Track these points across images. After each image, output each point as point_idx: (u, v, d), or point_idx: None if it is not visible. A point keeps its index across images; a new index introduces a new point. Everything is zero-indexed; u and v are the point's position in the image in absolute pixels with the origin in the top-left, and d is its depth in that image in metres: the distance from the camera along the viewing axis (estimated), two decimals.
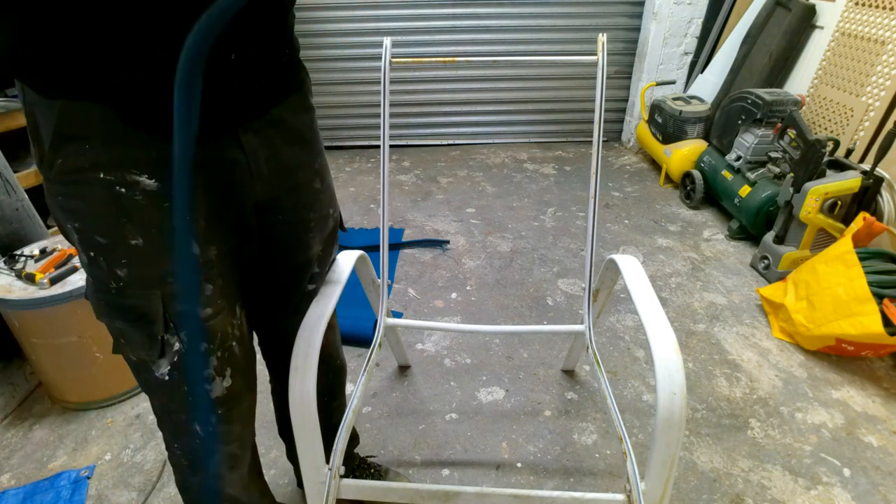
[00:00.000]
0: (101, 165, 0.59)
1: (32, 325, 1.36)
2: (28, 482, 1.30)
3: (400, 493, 0.96)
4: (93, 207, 0.61)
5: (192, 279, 0.65)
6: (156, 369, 0.71)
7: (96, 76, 0.56)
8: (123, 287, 0.65)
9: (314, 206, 0.83)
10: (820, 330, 1.59)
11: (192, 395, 0.74)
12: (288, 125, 0.74)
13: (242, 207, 0.72)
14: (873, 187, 1.79)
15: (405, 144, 3.57)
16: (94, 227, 0.62)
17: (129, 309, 0.67)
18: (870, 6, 2.13)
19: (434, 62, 1.54)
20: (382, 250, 1.30)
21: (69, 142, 0.58)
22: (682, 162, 2.73)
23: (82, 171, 0.59)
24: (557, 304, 1.95)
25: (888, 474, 1.29)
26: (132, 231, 0.63)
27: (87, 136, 0.58)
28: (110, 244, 0.63)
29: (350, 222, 2.59)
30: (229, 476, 0.86)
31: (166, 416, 0.79)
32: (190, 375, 0.72)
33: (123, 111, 0.58)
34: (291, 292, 0.90)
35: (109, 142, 0.59)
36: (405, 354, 1.63)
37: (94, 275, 0.66)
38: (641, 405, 1.51)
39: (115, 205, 0.61)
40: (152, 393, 0.76)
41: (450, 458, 1.36)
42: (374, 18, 3.17)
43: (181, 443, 0.81)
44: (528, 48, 3.27)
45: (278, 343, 0.98)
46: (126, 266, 0.64)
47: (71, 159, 0.59)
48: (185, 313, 0.68)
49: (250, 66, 0.64)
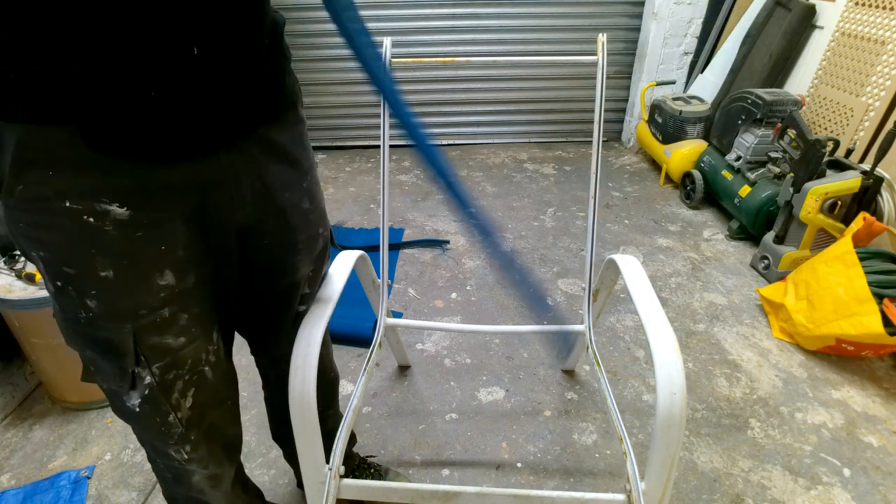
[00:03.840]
0: (67, 194, 0.54)
1: (32, 325, 1.36)
2: (28, 482, 1.30)
3: (400, 493, 0.96)
4: (59, 238, 0.56)
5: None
6: (126, 400, 0.68)
7: (59, 97, 0.50)
8: (93, 318, 0.61)
9: (302, 228, 0.78)
10: (820, 330, 1.59)
11: (164, 426, 0.71)
12: (274, 142, 0.68)
13: (223, 233, 0.68)
14: (873, 187, 1.79)
15: (405, 144, 3.56)
16: (60, 258, 0.58)
17: (99, 340, 0.63)
18: (870, 6, 2.12)
19: (434, 62, 1.54)
20: (382, 250, 1.30)
21: (31, 168, 0.52)
22: (682, 162, 2.73)
23: (47, 200, 0.54)
24: (557, 304, 1.95)
25: (888, 474, 1.29)
26: (102, 263, 0.58)
27: (51, 163, 0.53)
28: (79, 275, 0.59)
29: (350, 222, 2.59)
30: (211, 493, 0.85)
31: (143, 439, 0.78)
32: (162, 406, 0.69)
33: (91, 135, 0.52)
34: (281, 316, 0.87)
35: (76, 169, 0.53)
36: (405, 354, 1.63)
37: (62, 303, 0.62)
38: (641, 405, 1.51)
39: (83, 235, 0.56)
40: (125, 419, 0.74)
41: (450, 458, 1.36)
42: (374, 18, 3.17)
43: (161, 460, 0.79)
44: (528, 48, 3.27)
45: (271, 358, 0.95)
46: (96, 297, 0.60)
47: (33, 187, 0.53)
48: (156, 346, 0.65)
49: (219, 64, 0.56)
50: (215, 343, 0.74)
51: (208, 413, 0.76)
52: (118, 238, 0.58)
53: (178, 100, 0.55)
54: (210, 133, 0.60)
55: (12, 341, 1.46)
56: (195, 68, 0.54)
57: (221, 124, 0.61)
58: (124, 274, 0.60)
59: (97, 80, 0.50)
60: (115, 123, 0.53)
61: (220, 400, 0.78)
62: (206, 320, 0.72)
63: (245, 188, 0.66)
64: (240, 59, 0.59)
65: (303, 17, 3.15)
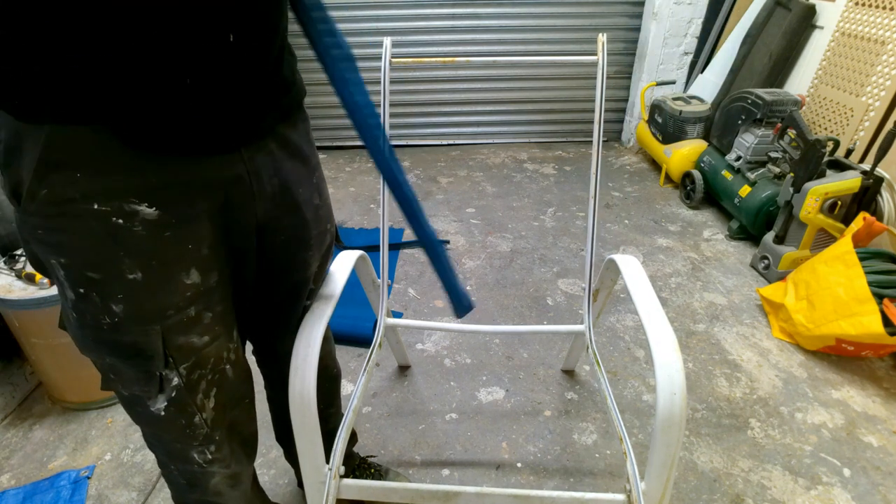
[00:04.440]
0: (95, 195, 0.53)
1: (32, 325, 1.36)
2: (28, 482, 1.30)
3: (400, 493, 0.96)
4: (83, 241, 0.55)
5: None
6: (151, 404, 0.67)
7: (91, 95, 0.50)
8: (118, 323, 0.60)
9: (314, 224, 0.79)
10: (820, 330, 1.59)
11: (189, 427, 0.71)
12: (288, 139, 0.70)
13: (243, 230, 0.68)
14: (873, 187, 1.79)
15: (405, 144, 3.57)
16: (84, 263, 0.57)
17: (123, 345, 0.62)
18: (870, 6, 2.12)
19: (434, 62, 1.54)
20: (382, 250, 1.30)
21: (57, 170, 0.52)
22: (682, 162, 2.73)
23: (72, 203, 0.53)
24: (557, 304, 1.95)
25: (888, 474, 1.29)
26: (130, 265, 0.57)
27: (79, 164, 0.52)
28: (104, 279, 0.57)
29: (350, 222, 2.59)
30: (230, 493, 0.84)
31: (159, 443, 0.75)
32: (188, 408, 0.69)
33: (124, 130, 0.52)
34: (290, 312, 0.87)
35: (105, 169, 0.53)
36: (405, 354, 1.63)
37: (81, 310, 0.60)
38: (641, 405, 1.51)
39: (110, 238, 0.55)
40: (147, 425, 0.72)
41: (450, 458, 1.36)
42: (374, 18, 3.17)
43: (177, 465, 0.77)
44: (528, 48, 3.27)
45: (276, 358, 0.95)
46: (122, 301, 0.59)
47: (58, 190, 0.52)
48: (182, 347, 0.64)
49: (251, 53, 0.57)
50: (235, 341, 0.75)
51: (229, 412, 0.76)
52: (147, 238, 0.57)
53: (212, 88, 0.55)
54: (237, 126, 0.61)
55: (12, 341, 1.46)
56: (230, 56, 0.55)
57: (247, 118, 0.61)
58: (153, 275, 0.59)
59: (134, 69, 0.50)
60: (149, 115, 0.53)
61: (239, 398, 0.78)
62: (229, 318, 0.72)
63: (265, 184, 0.67)
64: (267, 50, 0.60)
65: None
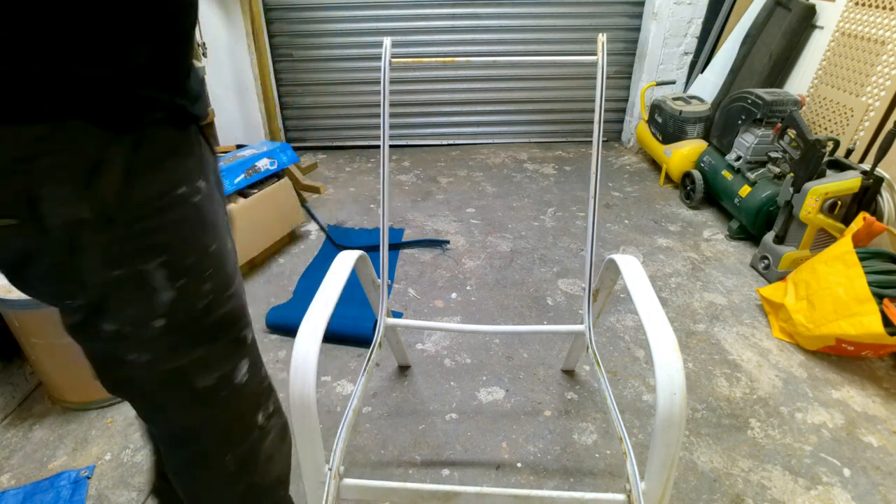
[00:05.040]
0: (178, 181, 0.57)
1: (32, 325, 1.36)
2: (28, 482, 1.30)
3: (400, 493, 0.96)
4: (179, 230, 0.58)
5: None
6: (236, 375, 0.67)
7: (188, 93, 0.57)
8: (210, 302, 0.62)
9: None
10: (820, 330, 1.59)
11: (260, 384, 0.74)
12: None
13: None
14: (873, 187, 1.79)
15: (405, 144, 3.57)
16: (181, 251, 0.58)
17: (215, 323, 0.64)
18: (870, 6, 2.13)
19: (434, 62, 1.54)
20: (382, 250, 1.30)
21: (143, 169, 0.54)
22: (682, 162, 2.73)
23: (162, 196, 0.55)
24: (557, 304, 1.95)
25: (888, 474, 1.29)
26: (207, 239, 0.61)
27: (159, 157, 0.55)
28: (196, 261, 0.60)
29: (350, 222, 2.59)
30: (280, 450, 0.82)
31: (215, 432, 0.71)
32: (258, 363, 0.73)
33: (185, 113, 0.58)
34: None
35: (174, 154, 0.57)
36: (405, 354, 1.63)
37: (175, 310, 0.59)
38: (641, 405, 1.51)
39: (193, 218, 0.59)
40: (222, 406, 0.69)
41: (450, 458, 1.36)
42: (374, 18, 3.17)
43: (232, 451, 0.73)
44: (528, 48, 3.27)
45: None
46: (211, 277, 0.62)
47: (147, 187, 0.54)
48: (245, 304, 0.70)
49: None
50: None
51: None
52: (208, 211, 0.61)
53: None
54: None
55: (12, 341, 1.46)
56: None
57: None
58: (221, 241, 0.64)
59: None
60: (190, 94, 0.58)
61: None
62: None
63: None
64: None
65: (303, 17, 3.15)
